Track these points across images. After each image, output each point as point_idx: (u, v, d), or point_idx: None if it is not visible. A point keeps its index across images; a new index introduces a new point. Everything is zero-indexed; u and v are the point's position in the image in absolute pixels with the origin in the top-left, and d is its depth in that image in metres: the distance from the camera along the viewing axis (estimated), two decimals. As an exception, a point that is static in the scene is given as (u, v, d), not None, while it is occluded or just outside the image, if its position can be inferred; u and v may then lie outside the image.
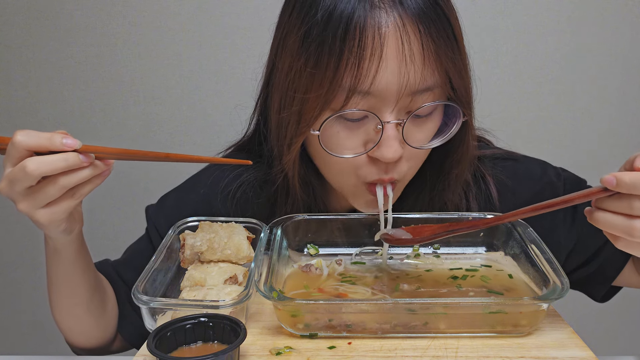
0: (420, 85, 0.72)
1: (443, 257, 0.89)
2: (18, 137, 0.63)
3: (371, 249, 0.90)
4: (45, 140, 0.63)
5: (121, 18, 1.61)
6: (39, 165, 0.62)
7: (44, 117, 1.68)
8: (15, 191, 0.64)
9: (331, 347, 0.69)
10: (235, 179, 0.94)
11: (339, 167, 0.80)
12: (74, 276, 0.82)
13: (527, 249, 0.81)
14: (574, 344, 0.69)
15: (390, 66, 0.70)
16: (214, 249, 0.80)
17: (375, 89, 0.71)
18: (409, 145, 0.76)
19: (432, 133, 0.79)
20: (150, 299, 0.70)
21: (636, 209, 0.61)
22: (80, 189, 0.67)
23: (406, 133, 0.74)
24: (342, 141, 0.76)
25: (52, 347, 1.88)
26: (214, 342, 0.66)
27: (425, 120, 0.77)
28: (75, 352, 0.95)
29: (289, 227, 0.88)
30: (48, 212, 0.66)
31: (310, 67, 0.72)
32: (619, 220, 0.62)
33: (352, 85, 0.70)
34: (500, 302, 0.72)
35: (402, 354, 0.67)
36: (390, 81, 0.70)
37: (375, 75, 0.70)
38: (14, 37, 1.63)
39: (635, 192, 0.60)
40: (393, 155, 0.74)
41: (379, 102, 0.72)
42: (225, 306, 0.68)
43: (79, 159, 0.64)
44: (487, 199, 0.94)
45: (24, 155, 0.63)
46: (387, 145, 0.73)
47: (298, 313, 0.70)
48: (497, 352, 0.68)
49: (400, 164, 0.78)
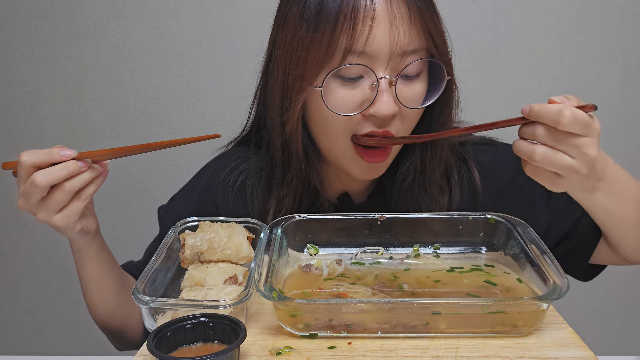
0: (409, 46, 0.79)
1: (443, 257, 0.89)
2: (23, 157, 0.74)
3: (371, 249, 0.90)
4: (45, 155, 0.74)
5: (121, 18, 1.61)
6: (45, 176, 0.73)
7: (44, 117, 1.68)
8: (31, 204, 0.76)
9: (331, 347, 0.69)
10: (234, 169, 0.99)
11: (335, 130, 0.84)
12: (100, 275, 0.89)
13: (527, 249, 0.81)
14: (574, 344, 0.69)
15: (382, 27, 0.77)
16: (214, 249, 0.80)
17: (368, 49, 0.77)
18: (402, 104, 0.81)
19: (421, 95, 0.84)
20: (150, 299, 0.70)
21: (537, 135, 0.69)
22: (85, 190, 0.77)
23: (400, 94, 0.80)
24: (340, 100, 0.80)
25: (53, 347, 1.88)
26: (214, 342, 0.66)
27: (415, 80, 0.82)
28: (117, 348, 1.03)
29: (289, 227, 0.88)
30: (63, 216, 0.77)
31: (311, 33, 0.79)
32: (524, 145, 0.71)
33: (347, 45, 0.77)
34: (500, 302, 0.72)
35: (402, 354, 0.67)
36: (382, 41, 0.77)
37: (368, 36, 0.76)
38: (14, 37, 1.63)
39: (540, 119, 0.68)
40: (387, 110, 0.79)
41: (372, 62, 0.78)
42: (225, 306, 0.68)
43: (77, 165, 0.74)
44: (470, 181, 0.98)
45: (31, 171, 0.74)
46: (381, 101, 0.79)
47: (298, 313, 0.70)
48: (497, 352, 0.68)
49: (395, 123, 0.82)
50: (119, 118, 1.66)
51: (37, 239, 1.79)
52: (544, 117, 0.68)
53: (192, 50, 1.63)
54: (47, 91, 1.67)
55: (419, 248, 0.91)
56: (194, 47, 1.63)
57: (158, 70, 1.64)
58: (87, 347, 1.87)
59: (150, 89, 1.66)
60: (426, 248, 0.91)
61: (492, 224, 0.90)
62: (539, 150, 0.70)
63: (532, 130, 0.70)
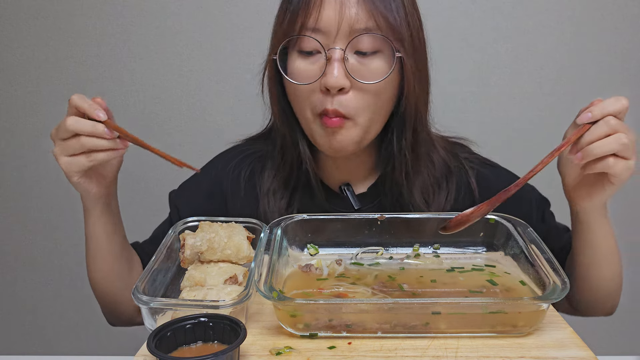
0: (358, 24, 0.85)
1: (443, 257, 0.89)
2: (73, 97, 0.83)
3: (371, 249, 0.90)
4: (86, 105, 0.82)
5: (121, 18, 1.61)
6: (73, 123, 0.81)
7: (44, 117, 1.68)
8: (56, 137, 0.84)
9: (331, 347, 0.69)
10: (245, 158, 1.07)
11: (301, 105, 0.91)
12: (102, 237, 0.93)
13: (527, 249, 0.81)
14: (574, 344, 0.69)
15: (332, 6, 0.86)
16: (214, 249, 0.80)
17: (320, 25, 0.86)
18: (353, 77, 0.86)
19: (377, 73, 0.88)
20: (150, 299, 0.70)
21: (613, 125, 0.76)
22: (96, 154, 0.83)
23: (352, 68, 0.87)
24: (297, 71, 0.90)
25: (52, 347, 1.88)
26: (214, 342, 0.66)
27: (370, 57, 0.87)
28: (110, 322, 1.05)
29: (289, 227, 0.88)
30: (67, 161, 0.84)
31: (282, 12, 0.92)
32: (608, 140, 0.76)
33: (303, 22, 0.87)
34: (500, 302, 0.72)
35: (402, 354, 0.67)
36: (331, 17, 0.85)
37: (319, 13, 0.86)
38: (14, 37, 1.63)
39: (606, 113, 0.76)
40: (335, 81, 0.85)
41: (326, 39, 0.86)
42: (225, 306, 0.68)
43: (103, 130, 0.81)
44: (468, 187, 1.02)
45: (73, 112, 0.83)
46: (331, 73, 0.85)
47: (298, 313, 0.70)
48: (497, 352, 0.68)
49: (347, 97, 0.88)
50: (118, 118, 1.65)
51: (37, 239, 1.79)
52: (610, 109, 0.76)
53: (192, 50, 1.63)
54: (47, 91, 1.67)
55: (419, 248, 0.91)
56: (194, 47, 1.63)
57: (158, 70, 1.64)
58: (87, 347, 1.87)
59: (150, 89, 1.66)
60: (426, 248, 0.91)
61: (492, 224, 0.90)
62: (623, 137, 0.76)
63: (606, 125, 0.76)
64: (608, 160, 0.77)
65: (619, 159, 0.77)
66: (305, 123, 0.94)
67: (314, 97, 0.89)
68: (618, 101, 0.77)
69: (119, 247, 0.96)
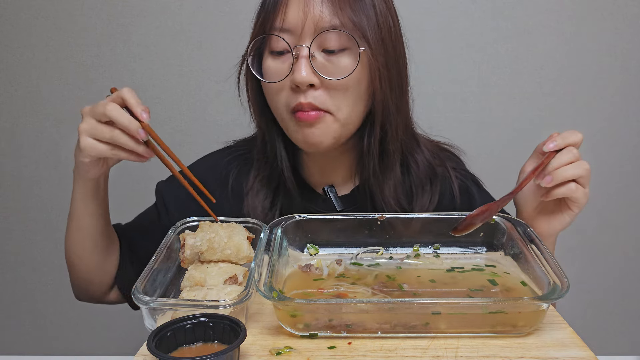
0: (323, 22, 0.87)
1: (443, 257, 0.89)
2: (125, 89, 0.84)
3: (371, 250, 0.90)
4: (134, 101, 0.83)
5: (121, 18, 1.61)
6: (114, 110, 0.81)
7: (44, 117, 1.68)
8: (89, 114, 0.84)
9: (331, 347, 0.69)
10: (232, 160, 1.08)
11: (275, 100, 0.93)
12: (84, 216, 0.95)
13: (527, 249, 0.81)
14: (574, 344, 0.69)
15: (296, 6, 0.88)
16: (214, 249, 0.80)
17: (286, 25, 0.89)
18: (319, 74, 0.88)
19: (345, 70, 0.89)
20: (150, 299, 0.70)
21: (575, 154, 0.86)
22: (119, 150, 0.84)
23: (320, 66, 0.89)
24: (268, 70, 0.92)
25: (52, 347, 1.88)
26: (214, 342, 0.66)
27: (338, 55, 0.89)
28: (77, 296, 1.06)
29: (289, 227, 0.88)
30: (89, 143, 0.84)
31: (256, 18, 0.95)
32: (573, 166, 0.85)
33: (272, 23, 0.90)
34: (500, 302, 0.72)
35: (402, 354, 0.67)
36: (296, 17, 0.88)
37: (285, 13, 0.89)
38: (14, 37, 1.63)
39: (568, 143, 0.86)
40: (302, 78, 0.87)
41: (293, 38, 0.89)
42: (225, 306, 0.68)
43: (137, 130, 0.82)
44: (451, 194, 1.05)
45: (118, 102, 0.83)
46: (298, 70, 0.88)
47: (298, 313, 0.70)
48: (497, 352, 0.68)
49: (318, 92, 0.89)
50: (119, 118, 1.66)
51: (37, 239, 1.79)
52: (571, 139, 0.86)
53: (192, 50, 1.63)
54: (47, 91, 1.67)
55: (419, 248, 0.91)
56: (194, 47, 1.63)
57: (158, 70, 1.64)
58: (87, 347, 1.87)
59: (150, 89, 1.66)
60: (426, 248, 0.91)
61: (492, 224, 0.90)
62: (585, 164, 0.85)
63: (569, 153, 0.85)
64: (570, 185, 0.85)
65: (579, 185, 0.86)
66: (282, 121, 0.95)
67: (286, 95, 0.91)
68: (576, 134, 0.86)
69: (100, 229, 0.97)
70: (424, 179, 1.02)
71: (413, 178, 1.02)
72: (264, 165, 1.02)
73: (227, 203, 1.03)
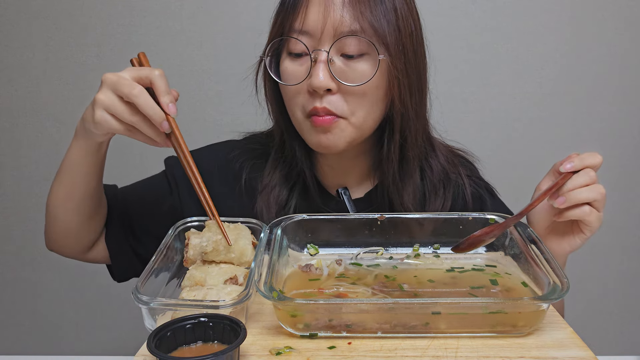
0: (343, 27, 0.86)
1: (443, 257, 0.89)
2: (156, 74, 0.81)
3: (371, 250, 0.90)
4: (164, 89, 0.80)
5: (121, 18, 1.61)
6: (140, 99, 0.78)
7: (44, 117, 1.68)
8: (110, 87, 0.79)
9: (331, 347, 0.69)
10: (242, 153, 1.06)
11: (291, 102, 0.93)
12: (78, 172, 0.91)
13: (527, 249, 0.81)
14: (574, 344, 0.69)
15: (316, 9, 0.87)
16: (219, 250, 0.80)
17: (306, 28, 0.88)
18: (337, 80, 0.88)
19: (363, 76, 0.89)
20: (150, 299, 0.69)
21: (592, 177, 0.83)
22: (136, 133, 0.81)
23: (338, 71, 0.88)
24: (286, 72, 0.92)
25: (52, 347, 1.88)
26: (214, 342, 0.66)
27: (356, 60, 0.88)
28: (48, 246, 1.03)
29: (289, 227, 0.88)
30: (104, 118, 0.79)
31: (275, 19, 0.94)
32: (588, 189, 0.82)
33: (291, 24, 0.89)
34: (500, 302, 0.72)
35: (402, 354, 0.67)
36: (316, 20, 0.87)
37: (305, 16, 0.88)
38: (14, 37, 1.63)
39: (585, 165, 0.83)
40: (320, 83, 0.87)
41: (312, 41, 0.88)
42: (225, 306, 0.68)
43: (161, 122, 0.79)
44: (463, 198, 1.04)
45: (146, 82, 0.80)
46: (316, 75, 0.87)
47: (298, 313, 0.70)
48: (497, 352, 0.68)
49: (335, 97, 0.89)
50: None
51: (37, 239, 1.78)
52: (589, 161, 0.83)
53: (192, 50, 1.63)
54: (47, 91, 1.67)
55: (419, 248, 0.91)
56: (194, 47, 1.63)
57: (158, 70, 1.64)
58: (87, 347, 1.87)
59: (150, 89, 1.66)
60: (426, 248, 0.91)
61: (492, 224, 0.90)
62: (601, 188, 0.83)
63: (586, 175, 0.82)
64: (584, 208, 0.83)
65: (593, 209, 0.83)
66: (296, 122, 0.95)
67: (302, 98, 0.91)
68: (595, 156, 0.83)
69: (90, 191, 0.93)
70: (437, 183, 1.02)
71: (427, 182, 1.02)
72: (282, 164, 1.01)
73: (239, 199, 1.02)
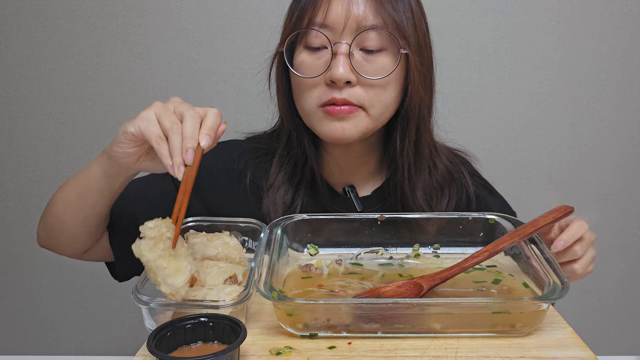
0: (365, 21, 0.87)
1: (443, 257, 0.89)
2: (212, 110, 0.81)
3: (371, 250, 0.90)
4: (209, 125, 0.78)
5: (121, 18, 1.61)
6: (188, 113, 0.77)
7: (44, 117, 1.68)
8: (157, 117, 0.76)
9: (331, 347, 0.69)
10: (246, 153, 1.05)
11: (304, 94, 0.92)
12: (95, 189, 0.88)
13: (527, 249, 0.81)
14: (574, 344, 0.69)
15: (339, 3, 0.88)
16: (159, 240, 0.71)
17: (327, 21, 0.88)
18: (358, 73, 0.88)
19: (382, 69, 0.90)
20: (150, 299, 0.69)
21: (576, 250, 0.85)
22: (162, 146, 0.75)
23: (358, 64, 0.89)
24: (304, 65, 0.92)
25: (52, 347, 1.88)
26: (214, 342, 0.66)
27: (376, 54, 0.89)
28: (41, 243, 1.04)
29: (289, 227, 0.88)
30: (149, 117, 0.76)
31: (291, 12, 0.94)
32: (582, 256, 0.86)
33: (311, 18, 0.89)
34: (500, 302, 0.72)
35: (402, 354, 0.67)
36: (338, 13, 0.87)
37: (327, 10, 0.88)
38: (14, 37, 1.63)
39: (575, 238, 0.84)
40: (340, 74, 0.87)
41: (333, 34, 0.89)
42: (225, 306, 0.68)
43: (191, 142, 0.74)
44: (467, 196, 1.05)
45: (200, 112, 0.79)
46: (336, 66, 0.87)
47: (298, 313, 0.70)
48: (497, 352, 0.68)
49: (354, 90, 0.89)
50: (119, 118, 1.66)
51: (37, 239, 1.79)
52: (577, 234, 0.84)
53: (192, 50, 1.63)
54: (47, 91, 1.67)
55: (419, 248, 0.91)
56: (194, 47, 1.63)
57: (158, 70, 1.64)
58: (87, 347, 1.87)
59: (150, 89, 1.65)
60: (426, 248, 0.91)
61: (492, 224, 0.90)
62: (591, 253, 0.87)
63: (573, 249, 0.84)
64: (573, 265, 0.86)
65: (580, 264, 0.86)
66: (305, 115, 0.94)
67: (318, 91, 0.91)
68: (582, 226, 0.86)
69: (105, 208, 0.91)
70: (442, 182, 1.02)
71: (433, 181, 1.02)
72: (288, 162, 1.01)
73: (245, 200, 1.01)
